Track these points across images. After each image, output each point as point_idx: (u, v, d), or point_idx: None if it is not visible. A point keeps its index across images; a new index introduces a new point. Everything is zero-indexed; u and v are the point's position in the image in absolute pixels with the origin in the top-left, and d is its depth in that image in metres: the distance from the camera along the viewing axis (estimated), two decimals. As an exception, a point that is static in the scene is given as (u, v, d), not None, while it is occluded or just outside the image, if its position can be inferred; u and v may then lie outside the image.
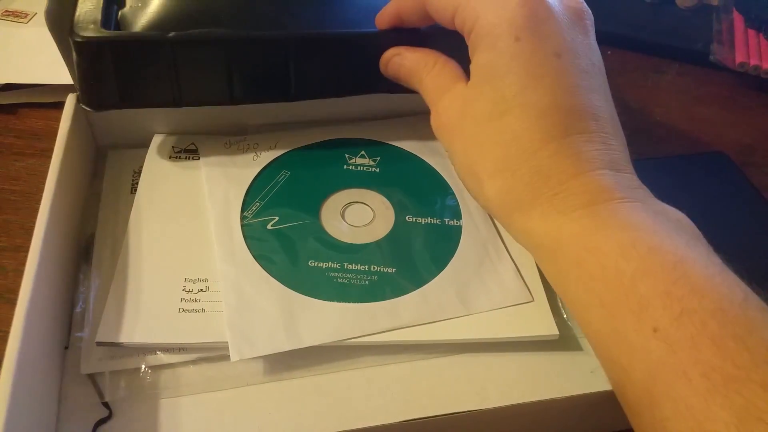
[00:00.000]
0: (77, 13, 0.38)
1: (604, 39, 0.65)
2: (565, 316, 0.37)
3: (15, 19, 0.55)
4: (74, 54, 0.38)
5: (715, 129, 0.55)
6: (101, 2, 0.39)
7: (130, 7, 0.41)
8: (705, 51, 0.60)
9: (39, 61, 0.52)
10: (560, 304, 0.38)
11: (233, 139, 0.44)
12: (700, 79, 0.60)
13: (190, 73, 0.39)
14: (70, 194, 0.39)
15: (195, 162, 0.43)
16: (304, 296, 0.36)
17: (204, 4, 0.41)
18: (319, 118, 0.45)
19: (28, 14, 0.56)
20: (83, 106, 0.39)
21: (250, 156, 0.43)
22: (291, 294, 0.36)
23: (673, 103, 0.57)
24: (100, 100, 0.39)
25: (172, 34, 0.37)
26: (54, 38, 0.40)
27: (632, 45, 0.63)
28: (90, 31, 0.37)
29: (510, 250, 0.39)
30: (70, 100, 0.42)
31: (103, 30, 0.37)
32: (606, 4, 0.64)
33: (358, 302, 0.36)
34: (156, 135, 0.44)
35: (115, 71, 0.38)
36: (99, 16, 0.38)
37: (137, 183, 0.41)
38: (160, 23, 0.40)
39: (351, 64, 0.41)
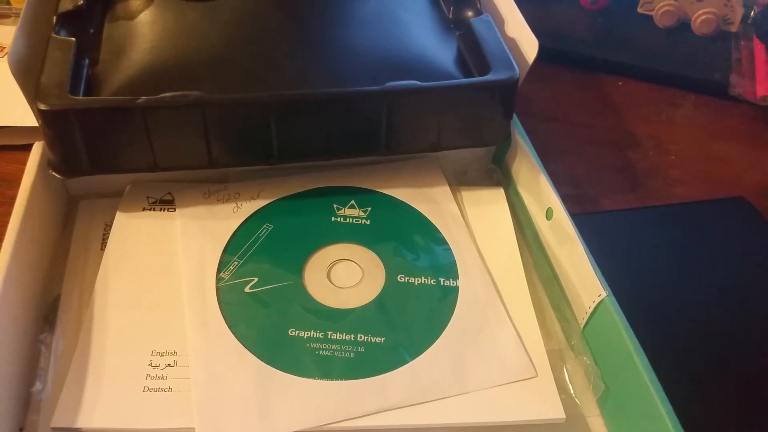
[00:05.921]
0: (42, 76, 0.35)
1: (614, 69, 0.62)
2: (572, 392, 0.34)
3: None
4: (39, 120, 0.35)
5: (735, 169, 0.51)
6: (70, 61, 0.36)
7: (103, 63, 0.38)
8: (724, 82, 0.56)
9: (9, 100, 0.49)
10: (567, 378, 0.34)
11: (213, 187, 0.41)
12: (719, 112, 0.56)
13: (164, 139, 0.36)
14: (35, 251, 0.36)
15: (171, 213, 0.39)
16: (282, 372, 0.33)
17: (182, 60, 0.38)
18: (306, 164, 0.42)
19: (4, 47, 0.53)
20: (52, 173, 0.37)
21: (230, 207, 0.40)
22: (267, 370, 0.33)
23: (689, 139, 0.53)
24: (70, 167, 0.37)
25: (142, 99, 0.35)
26: (20, 87, 0.37)
27: (645, 75, 0.59)
28: (54, 98, 0.34)
29: (512, 315, 0.36)
30: (37, 148, 0.39)
31: (68, 96, 0.35)
32: (617, 31, 0.60)
33: (341, 379, 0.33)
34: (130, 184, 0.41)
35: (84, 139, 0.36)
36: (66, 78, 0.35)
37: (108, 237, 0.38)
38: (135, 82, 0.37)
39: (340, 125, 0.38)
